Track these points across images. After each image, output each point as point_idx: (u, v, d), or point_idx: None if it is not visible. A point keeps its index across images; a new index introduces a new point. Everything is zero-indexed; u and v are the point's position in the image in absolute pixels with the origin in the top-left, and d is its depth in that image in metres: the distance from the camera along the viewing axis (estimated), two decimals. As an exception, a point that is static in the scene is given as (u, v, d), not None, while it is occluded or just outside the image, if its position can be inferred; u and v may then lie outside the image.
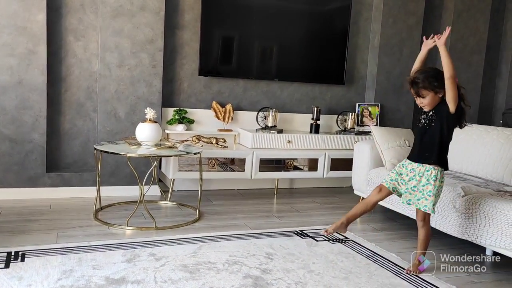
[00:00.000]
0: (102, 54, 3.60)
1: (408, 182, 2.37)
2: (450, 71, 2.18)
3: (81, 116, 3.76)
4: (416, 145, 2.40)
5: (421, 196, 2.33)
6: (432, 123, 2.31)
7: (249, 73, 4.23)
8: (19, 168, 3.46)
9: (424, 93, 2.29)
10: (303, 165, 4.19)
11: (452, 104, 2.24)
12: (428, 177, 2.32)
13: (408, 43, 4.68)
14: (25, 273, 2.13)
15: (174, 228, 2.99)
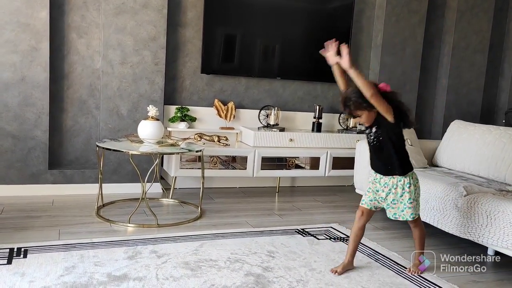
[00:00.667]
0: (104, 51, 3.60)
1: (386, 198, 2.33)
2: (367, 91, 2.14)
3: (84, 113, 3.76)
4: (376, 161, 2.36)
5: (404, 207, 2.31)
6: (380, 137, 2.29)
7: (251, 71, 4.23)
8: (22, 165, 3.47)
9: (358, 113, 2.27)
10: (304, 164, 4.19)
11: (388, 116, 2.23)
12: (402, 186, 2.29)
13: (410, 42, 4.67)
14: (27, 269, 2.14)
15: (176, 225, 2.99)
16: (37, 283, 2.01)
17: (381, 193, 2.34)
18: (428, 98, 5.06)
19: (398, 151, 2.30)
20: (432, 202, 2.80)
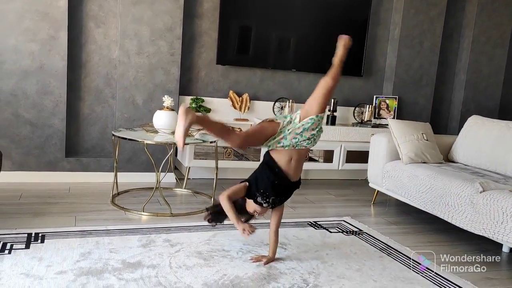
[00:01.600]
0: (121, 41, 3.63)
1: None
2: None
3: (100, 102, 3.80)
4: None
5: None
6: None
7: (267, 63, 4.22)
8: (39, 152, 3.53)
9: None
10: (318, 157, 4.18)
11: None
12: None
13: (429, 35, 4.60)
14: (44, 254, 2.19)
15: (189, 215, 3.02)
16: (54, 268, 2.05)
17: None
18: (445, 92, 4.99)
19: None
20: (447, 197, 2.78)
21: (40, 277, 1.96)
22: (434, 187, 2.90)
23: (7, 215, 2.74)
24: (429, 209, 2.95)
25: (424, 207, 3.00)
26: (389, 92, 4.62)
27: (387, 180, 3.38)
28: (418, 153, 3.30)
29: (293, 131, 2.11)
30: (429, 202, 2.93)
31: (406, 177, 3.17)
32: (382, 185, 3.45)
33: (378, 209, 3.55)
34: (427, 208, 2.96)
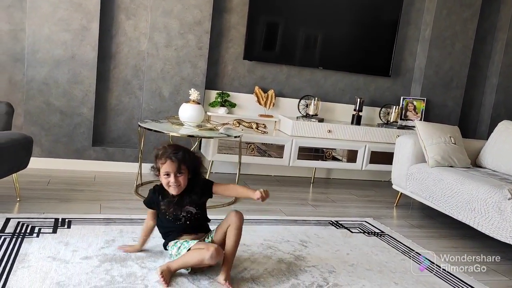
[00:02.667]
0: (151, 33, 3.67)
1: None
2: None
3: (127, 93, 3.86)
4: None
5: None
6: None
7: (293, 59, 4.21)
8: (68, 140, 3.61)
9: (183, 169, 2.01)
10: (342, 156, 4.14)
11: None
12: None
13: (461, 37, 4.50)
14: (71, 239, 2.24)
15: (211, 208, 3.03)
16: (80, 253, 2.10)
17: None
18: (475, 96, 4.88)
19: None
20: (474, 203, 2.72)
21: (66, 261, 2.01)
22: (461, 192, 2.84)
23: (35, 200, 2.82)
24: (454, 214, 2.89)
25: (449, 211, 2.94)
26: (417, 94, 4.55)
27: (411, 182, 3.33)
28: (445, 156, 3.24)
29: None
30: (454, 206, 2.88)
31: (432, 181, 3.11)
32: (406, 187, 3.40)
33: (401, 211, 3.50)
34: (452, 213, 2.90)
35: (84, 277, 1.89)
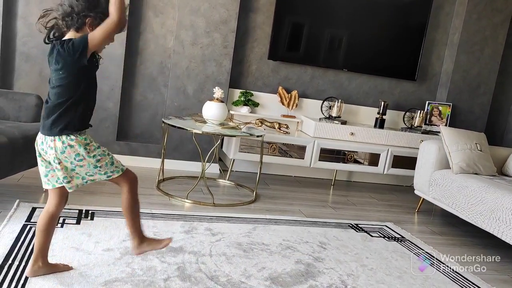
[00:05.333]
0: (177, 31, 3.71)
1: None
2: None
3: (152, 90, 3.91)
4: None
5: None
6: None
7: (318, 61, 4.19)
8: (93, 134, 3.63)
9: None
10: (363, 159, 4.11)
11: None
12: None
13: (491, 42, 4.40)
14: (94, 231, 2.29)
15: (231, 206, 3.06)
16: (102, 245, 2.15)
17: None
18: (504, 102, 4.76)
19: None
20: (499, 212, 2.66)
21: (88, 252, 2.06)
22: (485, 200, 2.78)
23: (60, 191, 2.89)
24: (478, 223, 2.83)
25: (472, 220, 2.88)
26: (443, 99, 4.47)
27: (434, 188, 3.27)
28: (470, 163, 3.18)
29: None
30: (478, 215, 2.82)
31: (456, 187, 3.05)
32: (428, 193, 3.35)
33: (423, 217, 3.45)
34: (476, 221, 2.85)
35: (106, 268, 1.93)
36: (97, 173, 1.71)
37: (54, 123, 1.64)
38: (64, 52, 1.59)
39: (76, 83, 1.63)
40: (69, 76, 1.61)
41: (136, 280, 1.87)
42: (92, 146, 1.70)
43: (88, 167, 1.68)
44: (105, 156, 1.71)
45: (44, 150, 1.69)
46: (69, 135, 1.64)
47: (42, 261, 1.78)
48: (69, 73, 1.61)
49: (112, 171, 1.73)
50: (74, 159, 1.66)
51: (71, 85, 1.62)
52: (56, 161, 1.67)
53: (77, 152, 1.65)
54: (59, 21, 1.63)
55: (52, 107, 1.65)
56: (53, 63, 1.63)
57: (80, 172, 1.70)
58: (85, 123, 1.72)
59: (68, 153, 1.65)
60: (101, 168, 1.70)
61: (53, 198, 1.77)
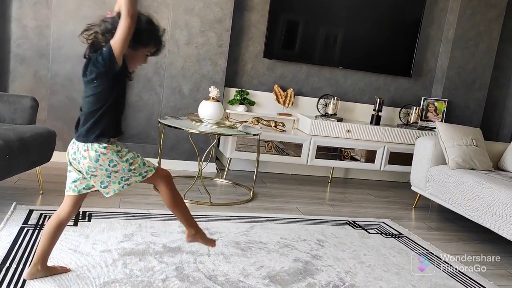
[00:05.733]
0: (172, 31, 3.71)
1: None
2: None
3: (148, 90, 3.91)
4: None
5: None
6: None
7: (313, 58, 4.19)
8: (89, 135, 3.67)
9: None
10: (360, 156, 4.12)
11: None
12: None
13: (485, 37, 4.41)
14: (91, 232, 2.29)
15: (228, 205, 3.06)
16: (100, 246, 2.15)
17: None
18: (499, 98, 4.78)
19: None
20: (495, 207, 2.67)
21: (86, 253, 2.05)
22: (482, 195, 2.79)
23: (58, 193, 2.88)
24: (474, 218, 2.85)
25: (469, 215, 2.90)
26: (439, 95, 4.48)
27: (431, 184, 3.29)
28: (466, 159, 3.19)
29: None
30: (475, 210, 2.83)
31: (452, 183, 3.07)
32: (425, 189, 3.36)
33: (420, 213, 3.47)
34: (472, 216, 2.86)
35: (104, 270, 1.93)
36: (132, 176, 1.75)
37: (89, 130, 1.68)
38: (97, 63, 1.64)
39: (109, 91, 1.67)
40: (103, 84, 1.66)
41: (134, 281, 1.87)
42: (123, 151, 1.73)
43: (122, 171, 1.72)
44: (136, 159, 1.75)
45: (77, 160, 1.72)
46: (102, 143, 1.68)
47: (41, 264, 1.80)
48: (102, 81, 1.65)
49: (146, 171, 1.76)
50: (108, 166, 1.69)
51: (105, 93, 1.67)
52: (90, 170, 1.70)
53: (110, 158, 1.69)
54: (99, 35, 1.68)
55: (87, 114, 1.68)
56: (87, 75, 1.67)
57: (115, 178, 1.73)
58: (119, 129, 1.77)
59: (102, 161, 1.68)
60: (135, 170, 1.74)
61: (68, 205, 1.80)
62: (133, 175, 1.74)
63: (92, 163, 1.68)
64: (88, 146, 1.68)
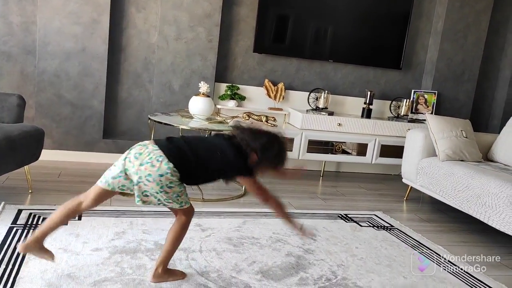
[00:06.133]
0: (161, 26, 3.68)
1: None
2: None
3: (137, 86, 3.88)
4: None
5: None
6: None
7: (303, 52, 4.18)
8: (78, 132, 3.64)
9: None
10: (351, 149, 4.13)
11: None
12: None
13: (474, 29, 4.43)
14: (81, 231, 2.27)
15: (220, 201, 3.06)
16: (90, 244, 2.13)
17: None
18: (487, 89, 4.81)
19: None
20: (485, 197, 2.69)
21: (77, 252, 2.04)
22: (471, 186, 2.81)
23: (47, 192, 2.86)
24: (464, 209, 2.87)
25: (459, 206, 2.92)
26: (428, 87, 4.50)
27: (421, 176, 3.30)
28: (456, 150, 3.21)
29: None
30: (465, 201, 2.85)
31: (442, 175, 3.09)
32: (416, 181, 3.38)
33: (411, 205, 3.49)
34: (463, 207, 2.88)
35: (95, 268, 1.91)
36: (175, 202, 1.77)
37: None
38: (229, 162, 1.77)
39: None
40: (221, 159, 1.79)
41: (125, 279, 1.86)
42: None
43: (172, 194, 1.74)
44: (184, 189, 1.80)
45: (138, 162, 1.70)
46: (175, 166, 1.70)
47: (40, 241, 1.76)
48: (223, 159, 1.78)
49: (185, 202, 1.81)
50: (166, 185, 1.70)
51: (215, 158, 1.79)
52: (144, 179, 1.69)
53: (172, 180, 1.71)
54: (246, 137, 1.77)
55: (188, 148, 1.76)
56: (221, 147, 1.78)
57: (161, 196, 1.73)
58: (193, 176, 1.81)
59: (166, 179, 1.69)
60: (179, 197, 1.77)
61: (92, 196, 1.79)
62: (176, 201, 1.77)
63: (155, 174, 1.68)
64: (166, 160, 1.68)
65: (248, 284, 1.94)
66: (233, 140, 1.80)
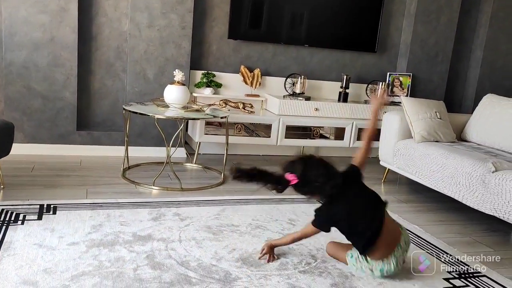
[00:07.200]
0: (132, 13, 3.59)
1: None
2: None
3: (111, 76, 3.79)
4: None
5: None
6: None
7: (279, 38, 4.15)
8: (51, 125, 3.55)
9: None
10: (329, 134, 4.15)
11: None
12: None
13: (446, 10, 4.47)
14: (57, 226, 2.22)
15: (199, 190, 3.04)
16: (66, 239, 2.09)
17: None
18: (460, 70, 4.88)
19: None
20: (459, 177, 2.75)
21: (52, 247, 2.00)
22: (446, 166, 2.87)
23: (20, 187, 2.79)
24: (440, 188, 2.93)
25: (435, 186, 2.97)
26: (403, 69, 4.54)
27: (398, 158, 3.35)
28: (431, 131, 3.26)
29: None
30: (440, 181, 2.91)
31: (418, 156, 3.13)
32: (393, 163, 3.42)
33: (389, 187, 3.54)
34: (438, 187, 2.94)
35: (72, 263, 1.88)
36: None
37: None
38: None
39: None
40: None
41: (104, 272, 1.83)
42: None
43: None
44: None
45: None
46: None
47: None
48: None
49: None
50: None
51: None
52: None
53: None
54: (319, 188, 2.19)
55: None
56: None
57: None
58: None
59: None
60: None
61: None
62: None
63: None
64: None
65: (228, 271, 1.93)
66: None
